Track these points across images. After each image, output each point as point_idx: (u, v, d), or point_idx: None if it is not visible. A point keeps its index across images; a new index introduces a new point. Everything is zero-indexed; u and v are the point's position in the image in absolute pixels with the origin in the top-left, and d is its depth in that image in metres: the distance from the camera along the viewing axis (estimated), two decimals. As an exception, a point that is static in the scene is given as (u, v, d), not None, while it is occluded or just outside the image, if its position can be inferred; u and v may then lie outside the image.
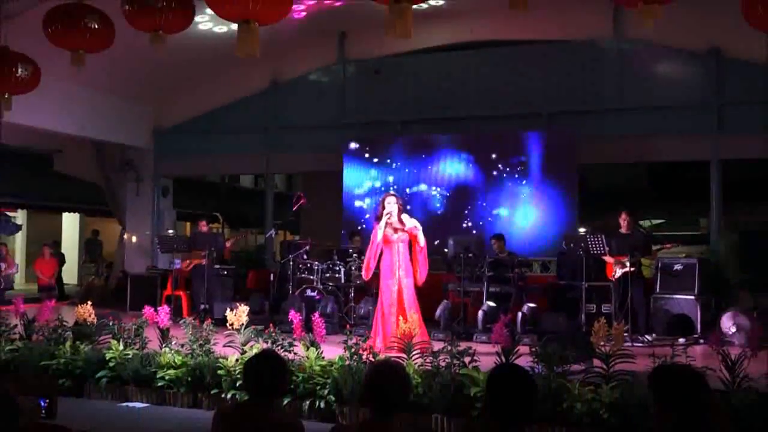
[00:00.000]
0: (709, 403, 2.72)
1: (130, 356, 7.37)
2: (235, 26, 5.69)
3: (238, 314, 7.15)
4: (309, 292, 10.16)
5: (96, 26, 6.41)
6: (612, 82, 11.56)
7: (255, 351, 6.40)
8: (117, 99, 13.48)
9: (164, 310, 7.65)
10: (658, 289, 9.62)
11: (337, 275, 10.27)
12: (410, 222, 7.99)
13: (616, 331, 6.15)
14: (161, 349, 7.41)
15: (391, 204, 8.00)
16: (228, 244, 12.17)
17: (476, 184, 11.76)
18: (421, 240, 7.93)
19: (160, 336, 7.55)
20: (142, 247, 14.68)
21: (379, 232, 8.00)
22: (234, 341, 7.19)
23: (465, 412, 6.05)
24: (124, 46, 7.45)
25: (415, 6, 5.37)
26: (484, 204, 11.69)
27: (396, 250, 7.95)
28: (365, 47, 12.87)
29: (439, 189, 11.96)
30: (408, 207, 8.26)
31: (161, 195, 14.80)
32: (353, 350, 6.63)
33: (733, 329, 8.53)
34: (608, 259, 9.20)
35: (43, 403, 3.61)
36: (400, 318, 7.40)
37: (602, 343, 6.14)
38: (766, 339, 6.39)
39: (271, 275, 11.17)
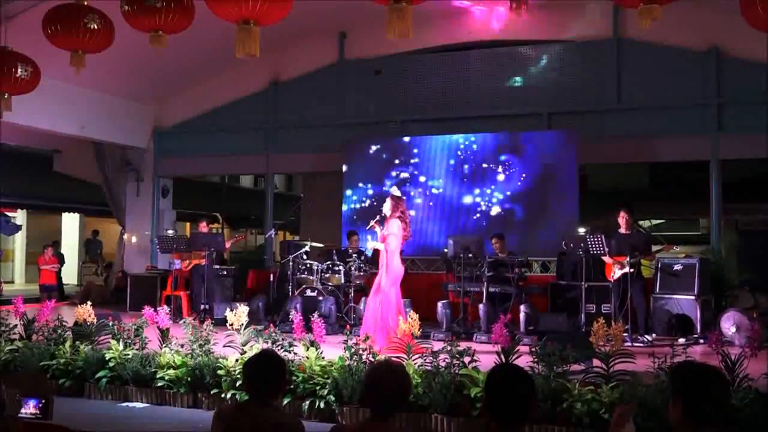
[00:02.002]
0: (728, 399, 2.76)
1: (130, 356, 7.38)
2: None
3: (238, 314, 7.15)
4: (309, 292, 10.16)
5: (96, 26, 6.40)
6: (612, 82, 11.56)
7: (255, 351, 6.40)
8: (117, 99, 13.49)
9: (164, 310, 7.65)
10: (657, 289, 9.62)
11: (337, 275, 10.27)
12: (388, 228, 8.17)
13: (616, 331, 6.16)
14: (161, 349, 7.41)
15: (385, 205, 8.30)
16: (227, 245, 12.19)
17: (476, 183, 11.75)
18: (377, 245, 8.30)
19: (159, 336, 7.55)
20: (142, 247, 14.69)
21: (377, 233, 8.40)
22: (234, 341, 7.19)
23: (465, 412, 6.05)
24: (124, 46, 7.45)
25: (415, 6, 5.37)
26: (484, 204, 11.69)
27: (382, 251, 8.28)
28: (365, 47, 12.87)
29: (438, 189, 11.96)
30: (404, 209, 8.31)
31: (161, 195, 14.80)
32: (353, 350, 6.64)
33: (733, 329, 8.53)
34: (607, 260, 9.20)
35: (37, 403, 3.59)
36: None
37: (602, 343, 6.14)
38: (766, 339, 6.39)
39: (271, 275, 11.17)
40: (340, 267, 10.24)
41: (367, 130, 12.82)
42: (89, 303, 8.20)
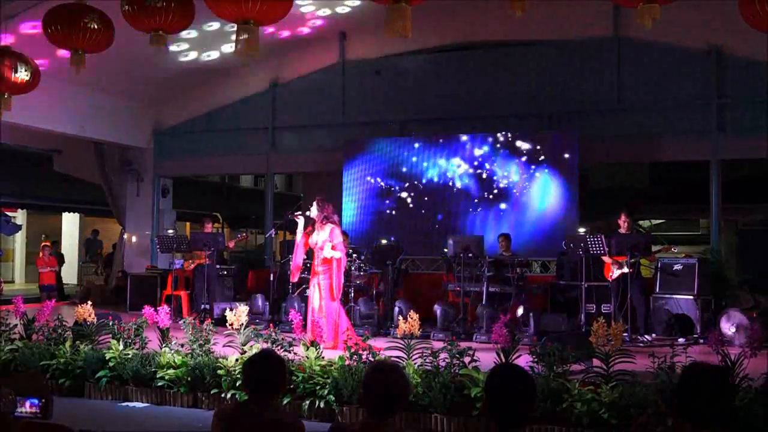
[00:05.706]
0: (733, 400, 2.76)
1: (130, 356, 7.37)
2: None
3: (238, 314, 7.15)
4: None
5: (96, 26, 6.40)
6: (612, 82, 11.56)
7: (255, 351, 6.40)
8: (116, 99, 13.48)
9: (164, 310, 7.64)
10: (657, 289, 9.62)
11: (336, 275, 10.25)
12: (335, 237, 8.29)
13: (616, 331, 6.15)
14: (161, 349, 7.41)
15: (312, 208, 8.42)
16: (231, 245, 12.18)
17: (476, 183, 11.76)
18: (334, 254, 8.29)
19: (160, 336, 7.55)
20: (142, 247, 14.69)
21: (297, 234, 8.57)
22: (234, 341, 7.19)
23: (465, 412, 6.05)
24: (124, 47, 7.45)
25: (414, 6, 5.37)
26: (484, 203, 11.69)
27: (316, 254, 8.41)
28: (365, 47, 12.87)
29: (438, 189, 11.96)
30: (333, 216, 8.52)
31: (161, 195, 14.80)
32: (353, 350, 6.64)
33: (733, 329, 8.53)
34: (606, 259, 9.21)
35: (37, 403, 3.59)
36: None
37: (602, 343, 6.14)
38: (766, 339, 6.39)
39: (271, 275, 11.17)
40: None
41: (367, 130, 12.82)
42: (89, 303, 8.20)
